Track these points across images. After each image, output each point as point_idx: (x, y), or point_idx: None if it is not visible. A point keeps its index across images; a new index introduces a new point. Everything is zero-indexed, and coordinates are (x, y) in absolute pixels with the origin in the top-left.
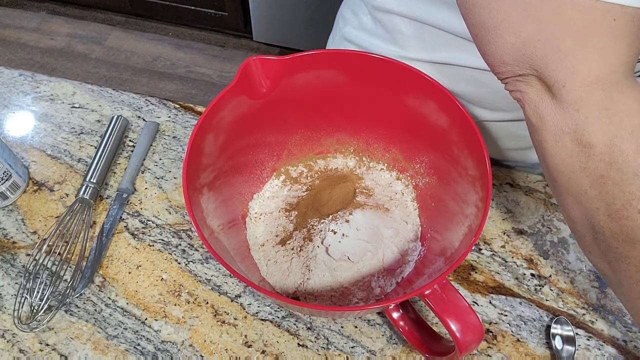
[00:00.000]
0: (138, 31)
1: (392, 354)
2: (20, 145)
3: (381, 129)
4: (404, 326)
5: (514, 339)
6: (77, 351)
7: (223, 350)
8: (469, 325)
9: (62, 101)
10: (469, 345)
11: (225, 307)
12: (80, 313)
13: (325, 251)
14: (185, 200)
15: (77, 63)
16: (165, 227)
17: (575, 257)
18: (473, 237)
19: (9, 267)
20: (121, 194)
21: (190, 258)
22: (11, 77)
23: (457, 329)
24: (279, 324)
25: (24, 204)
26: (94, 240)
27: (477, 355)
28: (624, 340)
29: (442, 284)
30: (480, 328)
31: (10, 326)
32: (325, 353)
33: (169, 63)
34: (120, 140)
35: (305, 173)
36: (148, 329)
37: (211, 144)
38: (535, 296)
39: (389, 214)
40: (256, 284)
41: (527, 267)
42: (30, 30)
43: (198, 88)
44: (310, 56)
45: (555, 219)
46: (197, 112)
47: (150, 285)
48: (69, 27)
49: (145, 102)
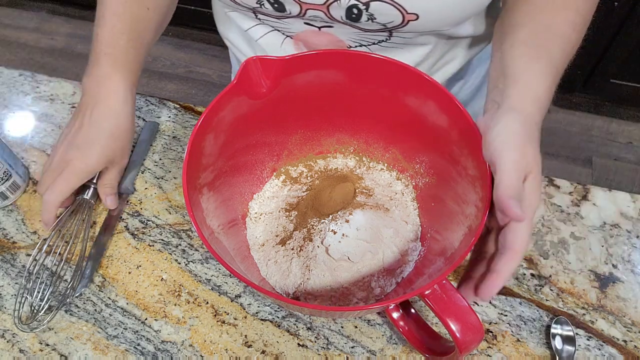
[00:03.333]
0: None
1: (392, 354)
2: (20, 145)
3: (381, 129)
4: (404, 326)
5: (514, 339)
6: (77, 351)
7: (223, 350)
8: (469, 325)
9: (62, 101)
10: (469, 345)
11: (225, 307)
12: (80, 313)
13: (325, 251)
14: (186, 200)
15: (77, 63)
16: (165, 227)
17: (575, 257)
18: (473, 237)
19: (9, 267)
20: (121, 194)
21: (190, 258)
22: (11, 77)
23: (457, 329)
24: (279, 324)
25: (24, 204)
26: (94, 240)
27: (477, 355)
28: (624, 340)
29: (442, 284)
30: (480, 328)
31: (10, 326)
32: (325, 353)
33: (169, 63)
34: None
35: (305, 173)
36: (148, 329)
37: (211, 144)
38: (535, 296)
39: (389, 214)
40: (256, 284)
41: (527, 267)
42: (30, 30)
43: (198, 88)
44: (310, 56)
45: (555, 219)
46: (197, 112)
47: (150, 285)
48: (69, 27)
49: (145, 102)
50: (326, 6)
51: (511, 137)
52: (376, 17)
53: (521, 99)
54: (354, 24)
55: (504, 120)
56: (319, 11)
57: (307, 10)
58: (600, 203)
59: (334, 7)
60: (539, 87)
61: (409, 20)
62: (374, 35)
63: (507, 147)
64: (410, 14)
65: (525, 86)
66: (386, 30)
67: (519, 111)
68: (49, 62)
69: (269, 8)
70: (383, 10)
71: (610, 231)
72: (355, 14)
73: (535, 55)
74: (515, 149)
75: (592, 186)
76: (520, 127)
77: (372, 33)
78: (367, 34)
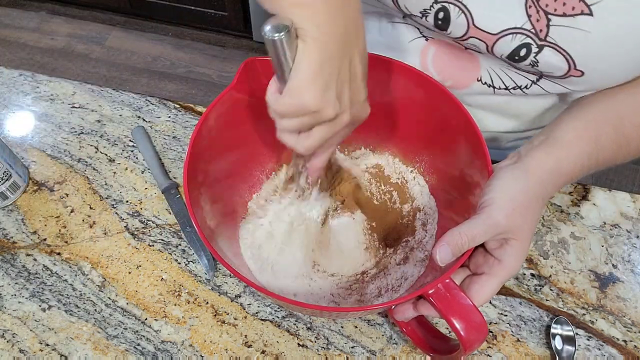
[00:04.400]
0: (138, 31)
1: (392, 354)
2: (20, 145)
3: (380, 128)
4: (407, 326)
5: (514, 339)
6: (77, 351)
7: (223, 350)
8: (474, 323)
9: (62, 101)
10: (473, 344)
11: (225, 307)
12: (80, 313)
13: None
14: (186, 200)
15: (77, 63)
16: (165, 227)
17: (575, 257)
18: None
19: (9, 267)
20: (169, 190)
21: (190, 258)
22: (11, 77)
23: (462, 328)
24: (279, 324)
25: (24, 204)
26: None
27: (477, 355)
28: (624, 340)
29: (445, 283)
30: (484, 326)
31: (10, 326)
32: (325, 353)
33: (169, 63)
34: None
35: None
36: (148, 329)
37: (211, 144)
38: (535, 296)
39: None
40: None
41: (527, 267)
42: (30, 30)
43: (198, 88)
44: None
45: (555, 219)
46: (197, 112)
47: (150, 285)
48: (69, 27)
49: (145, 102)
50: (496, 37)
51: (503, 199)
52: (539, 65)
53: (541, 166)
54: (511, 63)
55: (508, 178)
56: (482, 42)
57: (470, 38)
58: (600, 203)
59: (505, 40)
60: (568, 166)
61: (571, 75)
62: (519, 75)
63: (495, 206)
64: (577, 70)
65: (555, 158)
66: (537, 74)
67: (531, 176)
68: (49, 62)
69: (430, 22)
70: (552, 59)
71: (610, 231)
72: (522, 55)
73: (586, 138)
74: (500, 210)
75: (592, 186)
76: (519, 194)
77: (520, 72)
78: (512, 70)
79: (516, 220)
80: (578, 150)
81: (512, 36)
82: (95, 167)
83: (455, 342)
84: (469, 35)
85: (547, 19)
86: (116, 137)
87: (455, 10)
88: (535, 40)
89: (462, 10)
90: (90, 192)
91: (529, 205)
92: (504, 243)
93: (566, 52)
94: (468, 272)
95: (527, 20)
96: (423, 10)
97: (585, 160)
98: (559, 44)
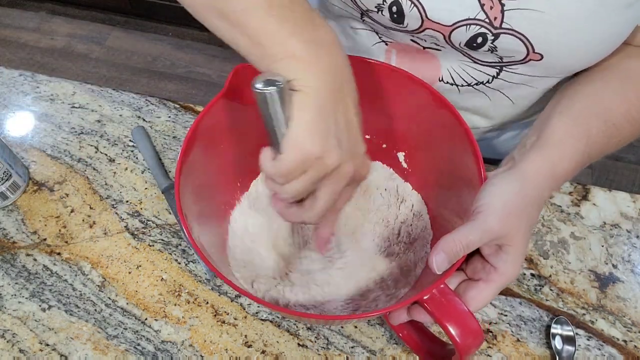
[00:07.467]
0: (138, 31)
1: (392, 354)
2: (20, 145)
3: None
4: (404, 330)
5: (514, 339)
6: (77, 351)
7: (223, 350)
8: (469, 329)
9: (62, 101)
10: (469, 350)
11: (225, 307)
12: (80, 313)
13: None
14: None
15: (77, 63)
16: (165, 227)
17: (575, 257)
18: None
19: (9, 267)
20: (169, 190)
21: (190, 258)
22: (11, 77)
23: (457, 334)
24: (279, 324)
25: (24, 204)
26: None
27: (477, 356)
28: (624, 340)
29: (440, 288)
30: (480, 332)
31: (10, 326)
32: (325, 353)
33: (169, 63)
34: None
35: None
36: (148, 329)
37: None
38: (535, 296)
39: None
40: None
41: (527, 267)
42: (30, 30)
43: (198, 88)
44: None
45: (555, 219)
46: (197, 112)
47: (150, 285)
48: (69, 27)
49: (145, 102)
50: (451, 29)
51: (498, 204)
52: (498, 50)
53: (536, 169)
54: (470, 52)
55: (503, 184)
56: (438, 33)
57: (426, 29)
58: (600, 203)
59: (460, 31)
60: (563, 167)
61: (530, 59)
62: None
63: (490, 211)
64: (536, 53)
65: (549, 160)
66: (498, 65)
67: (526, 180)
68: (49, 62)
69: (386, 16)
70: (510, 44)
71: (610, 231)
72: (479, 43)
73: (577, 135)
74: (494, 215)
75: (592, 186)
76: (513, 199)
77: (481, 65)
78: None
79: (511, 225)
80: (571, 148)
81: (466, 27)
82: (95, 167)
83: (451, 347)
84: (425, 27)
85: (501, 5)
86: (116, 137)
87: (407, 4)
88: (490, 29)
89: (414, 3)
90: (90, 192)
91: (525, 210)
92: (498, 249)
93: (523, 36)
94: (463, 277)
95: (481, 9)
96: (377, 5)
97: (579, 157)
98: (514, 28)
